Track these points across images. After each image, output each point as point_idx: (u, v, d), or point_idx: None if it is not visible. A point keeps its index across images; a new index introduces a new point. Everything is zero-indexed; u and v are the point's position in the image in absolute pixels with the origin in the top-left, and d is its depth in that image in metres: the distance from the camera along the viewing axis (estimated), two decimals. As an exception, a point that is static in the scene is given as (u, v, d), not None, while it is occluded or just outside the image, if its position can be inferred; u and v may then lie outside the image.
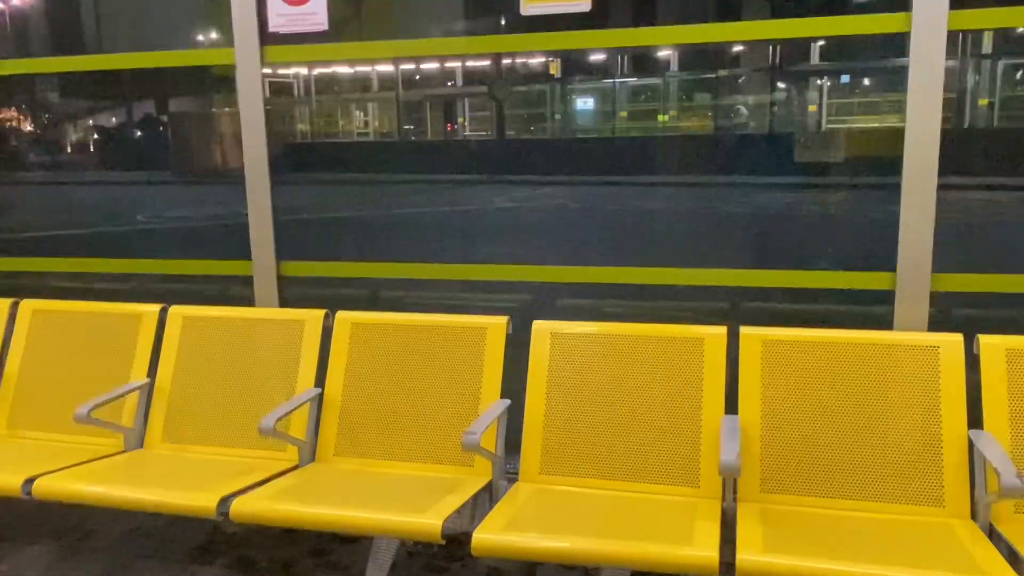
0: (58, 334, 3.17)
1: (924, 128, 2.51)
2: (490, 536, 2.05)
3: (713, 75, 26.63)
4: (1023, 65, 21.30)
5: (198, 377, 2.96)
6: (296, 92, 31.15)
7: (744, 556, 1.92)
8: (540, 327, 2.67)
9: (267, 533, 2.92)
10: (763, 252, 9.38)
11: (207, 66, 3.31)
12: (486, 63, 26.32)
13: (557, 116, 29.34)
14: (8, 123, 26.42)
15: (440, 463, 2.66)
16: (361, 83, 32.61)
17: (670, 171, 19.36)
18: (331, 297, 3.08)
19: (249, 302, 3.17)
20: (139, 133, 29.49)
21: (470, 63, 27.50)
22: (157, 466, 2.70)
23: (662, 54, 24.95)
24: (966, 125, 20.30)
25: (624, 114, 28.61)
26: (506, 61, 25.63)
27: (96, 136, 30.14)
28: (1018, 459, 2.22)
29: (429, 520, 2.13)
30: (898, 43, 2.52)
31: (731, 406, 2.48)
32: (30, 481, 2.47)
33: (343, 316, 2.87)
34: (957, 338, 2.37)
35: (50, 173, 24.13)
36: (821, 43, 21.88)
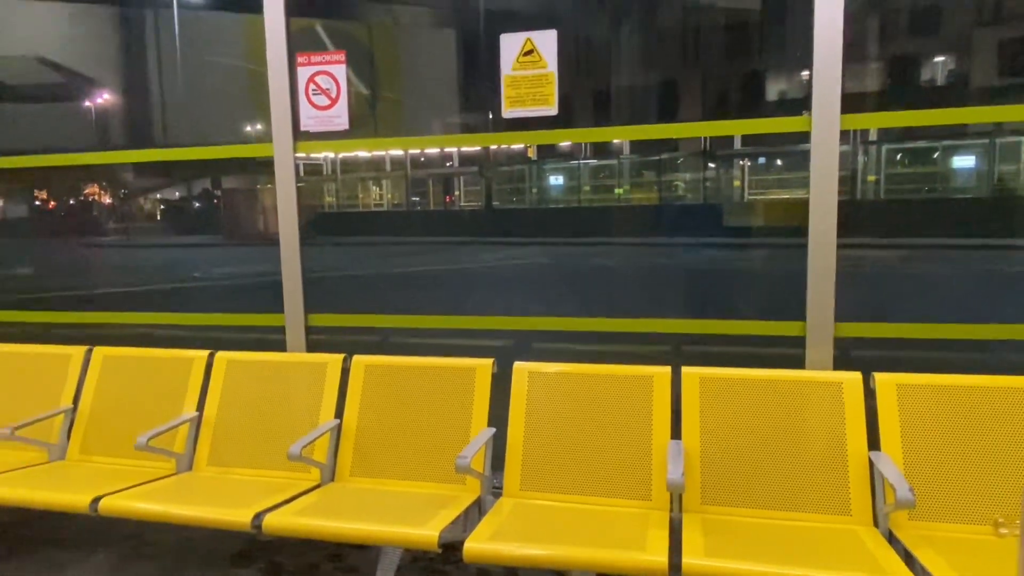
0: (123, 375, 3.12)
1: (824, 200, 2.53)
2: (479, 545, 2.01)
3: (657, 157, 27.12)
4: (900, 150, 21.84)
5: (238, 410, 2.91)
6: (324, 171, 31.46)
7: (689, 560, 1.89)
8: (519, 367, 2.66)
9: (294, 541, 2.85)
10: (699, 300, 9.43)
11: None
12: (477, 149, 26.86)
13: (534, 190, 29.74)
14: (91, 196, 26.46)
15: (438, 481, 2.62)
16: (376, 164, 32.98)
17: (624, 234, 19.57)
18: (350, 342, 3.06)
19: (282, 346, 3.15)
20: (197, 205, 29.67)
21: (465, 149, 28.08)
22: (203, 486, 2.64)
23: (616, 141, 25.47)
24: (858, 197, 20.71)
25: (587, 188, 29.02)
26: (493, 147, 26.13)
27: (162, 207, 30.24)
28: (910, 475, 2.21)
29: (428, 532, 2.10)
30: (803, 133, 2.56)
31: (675, 432, 2.47)
32: (96, 500, 2.42)
33: (359, 359, 2.85)
34: (856, 376, 2.38)
35: (124, 238, 24.18)
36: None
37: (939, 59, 22.05)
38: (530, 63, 2.76)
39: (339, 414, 2.80)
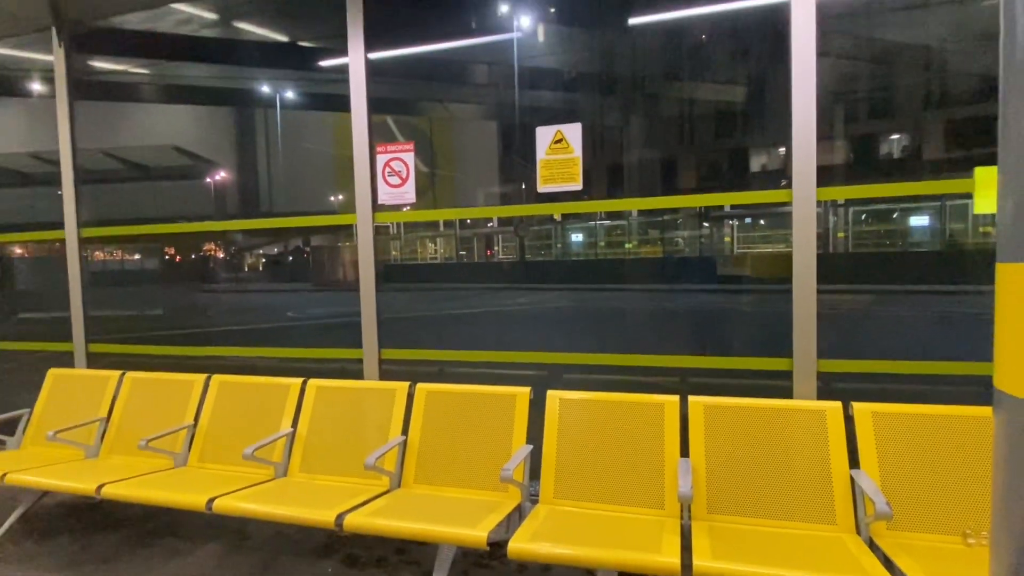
0: (234, 398, 3.18)
1: (805, 255, 2.50)
2: (520, 545, 1.97)
3: (660, 218, 27.10)
4: (864, 211, 21.46)
5: (324, 427, 2.93)
6: (391, 231, 32.06)
7: (699, 562, 1.83)
8: (552, 395, 2.64)
9: (366, 536, 2.82)
10: (699, 338, 9.26)
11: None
12: (513, 211, 27.17)
13: (559, 245, 29.87)
14: (209, 252, 27.39)
15: (485, 489, 2.59)
16: (432, 225, 33.60)
17: (634, 282, 19.45)
18: (414, 372, 3.07)
19: (359, 375, 3.18)
20: (291, 258, 30.41)
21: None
22: (295, 490, 2.64)
23: (627, 205, 25.55)
24: (831, 250, 20.33)
25: (603, 244, 29.04)
26: (525, 211, 26.41)
27: (264, 260, 31.13)
28: (886, 491, 2.12)
29: (478, 532, 2.07)
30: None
31: (684, 451, 2.40)
32: (212, 500, 2.44)
33: (421, 387, 2.86)
34: (837, 405, 2.31)
35: (234, 285, 24.85)
36: (732, 198, 22.26)
37: (895, 137, 21.76)
38: (560, 149, 2.81)
39: (405, 431, 2.80)
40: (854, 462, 2.22)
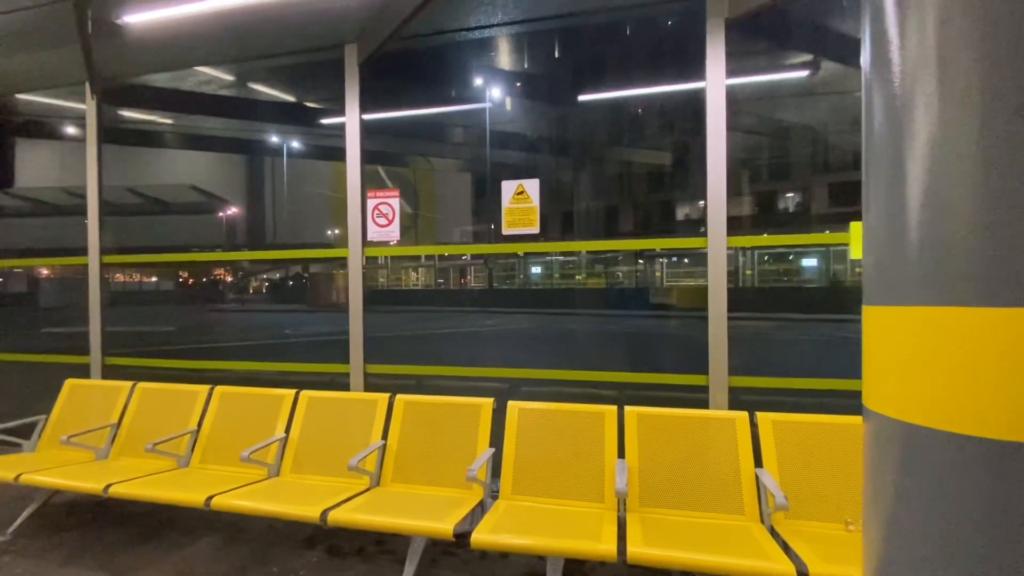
0: (234, 406, 3.04)
1: (718, 289, 2.57)
2: (481, 536, 1.92)
3: (604, 255, 27.57)
4: (766, 254, 22.29)
5: (314, 433, 2.83)
6: (378, 261, 31.69)
7: (632, 548, 1.81)
8: (512, 405, 2.61)
9: (348, 529, 2.71)
10: (633, 354, 9.35)
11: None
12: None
13: (521, 275, 29.99)
14: (218, 275, 26.53)
15: (453, 487, 2.52)
16: (414, 257, 33.38)
17: (583, 307, 19.61)
18: (395, 384, 3.00)
19: (347, 387, 3.09)
20: (291, 283, 29.67)
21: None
22: (286, 489, 2.53)
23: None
24: (740, 285, 20.97)
25: (557, 275, 29.29)
26: (494, 248, 26.48)
27: (267, 284, 30.28)
28: (783, 485, 2.15)
29: (445, 525, 2.01)
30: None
31: (621, 453, 2.40)
32: (210, 498, 2.31)
33: (400, 397, 2.79)
34: (745, 414, 2.35)
35: (240, 305, 24.01)
36: (661, 241, 22.83)
37: (790, 195, 22.82)
38: (521, 200, 2.84)
39: (385, 436, 2.72)
40: (758, 462, 2.26)
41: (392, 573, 2.35)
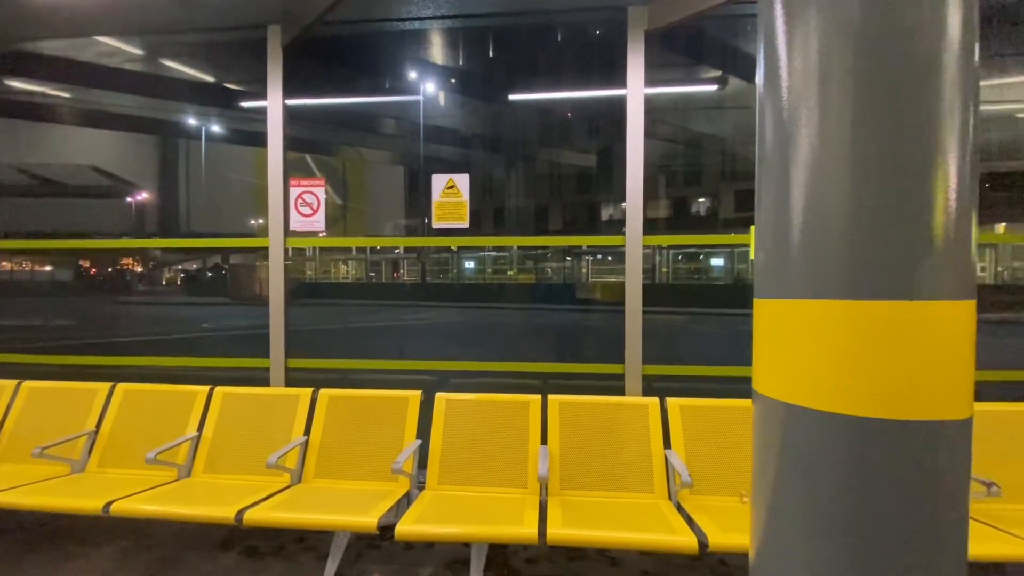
0: (139, 405, 2.77)
1: (634, 284, 2.67)
2: (406, 527, 1.89)
3: (535, 251, 27.99)
4: (680, 253, 23.66)
5: (230, 431, 2.63)
6: (307, 253, 30.23)
7: (551, 530, 1.85)
8: (440, 396, 2.58)
9: (267, 528, 2.56)
10: (559, 345, 9.58)
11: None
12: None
13: (455, 270, 29.73)
14: (125, 265, 24.05)
15: (379, 480, 2.44)
16: (345, 250, 32.15)
17: (513, 301, 19.80)
18: (318, 379, 2.86)
19: (267, 383, 2.90)
20: (210, 274, 27.55)
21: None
22: (198, 490, 2.34)
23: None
24: (656, 281, 22.10)
25: (489, 270, 29.33)
26: (427, 242, 26.07)
27: (183, 275, 27.90)
28: (689, 464, 2.29)
29: (369, 519, 1.95)
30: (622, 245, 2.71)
31: (544, 439, 2.44)
32: (109, 504, 2.09)
33: (324, 392, 2.67)
34: (656, 400, 2.47)
35: (151, 297, 21.91)
36: (588, 239, 23.52)
37: (701, 200, 24.32)
38: (451, 194, 2.80)
39: (308, 432, 2.59)
40: (668, 444, 2.39)
41: (314, 570, 2.25)
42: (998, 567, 2.13)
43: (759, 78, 1.06)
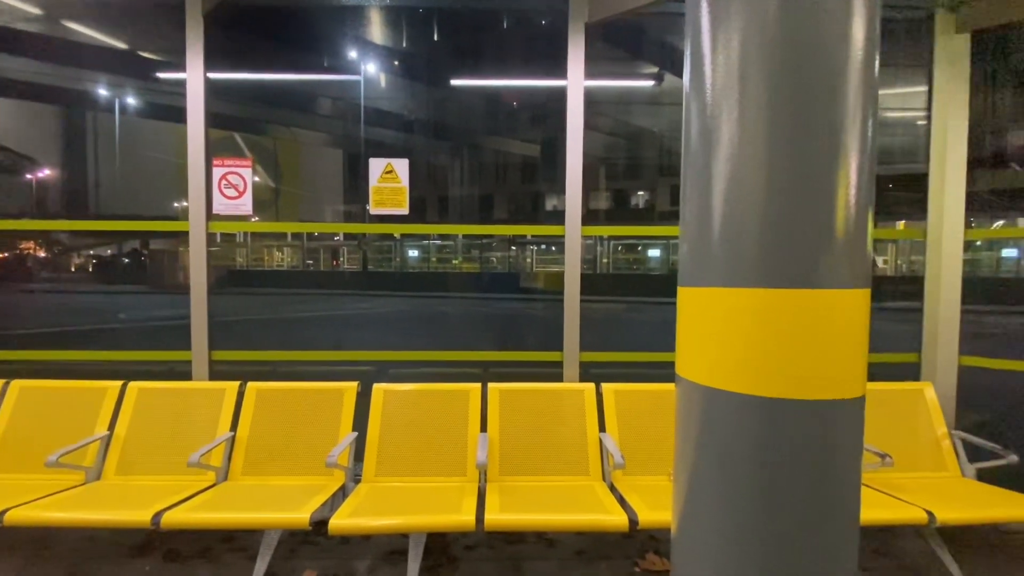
0: (39, 404, 2.51)
1: (572, 274, 2.71)
2: (339, 521, 1.84)
3: (480, 240, 27.92)
4: (620, 244, 24.43)
5: (146, 429, 2.45)
6: (237, 238, 28.59)
7: (489, 516, 1.87)
8: (377, 387, 2.52)
9: (190, 531, 2.42)
10: (502, 334, 9.64)
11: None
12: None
13: (398, 259, 29.11)
14: (26, 250, 21.62)
15: (313, 475, 2.36)
16: (280, 235, 30.62)
17: (458, 290, 19.71)
18: (247, 372, 2.71)
19: (188, 376, 2.71)
20: (127, 260, 25.34)
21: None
22: (109, 493, 2.16)
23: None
24: (597, 271, 22.70)
25: (434, 259, 28.96)
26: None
27: (95, 261, 25.46)
28: (622, 446, 2.38)
29: (301, 515, 1.88)
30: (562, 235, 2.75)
31: (484, 427, 2.46)
32: (2, 513, 1.88)
33: (252, 385, 2.53)
34: (592, 385, 2.54)
35: (57, 285, 19.84)
36: (532, 229, 23.75)
37: (640, 193, 25.16)
38: (390, 179, 2.72)
39: (235, 428, 2.45)
40: (603, 428, 2.47)
41: (243, 571, 2.15)
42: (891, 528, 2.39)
43: (685, 75, 1.10)
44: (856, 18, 0.94)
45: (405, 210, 2.74)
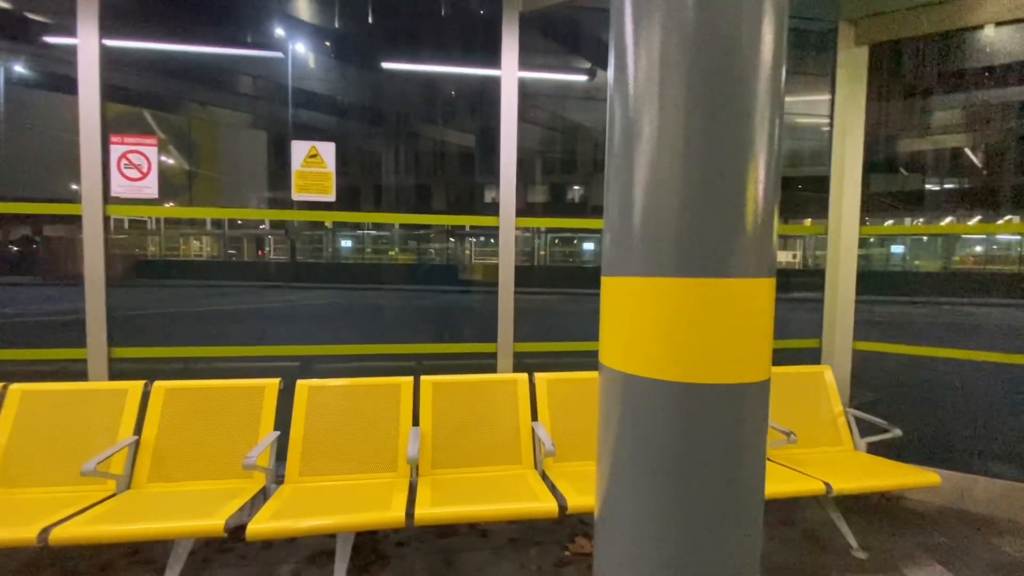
0: None
1: (507, 265, 2.72)
2: (258, 525, 1.73)
3: (418, 231, 27.40)
4: (557, 237, 24.87)
5: (32, 437, 2.18)
6: (148, 225, 26.29)
7: (419, 511, 1.84)
8: (301, 384, 2.40)
9: (89, 545, 2.19)
10: (440, 327, 9.54)
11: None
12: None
13: (330, 249, 27.99)
14: None
15: (230, 478, 2.21)
16: (199, 223, 28.41)
17: (394, 282, 19.25)
18: (161, 370, 2.49)
19: (85, 376, 2.45)
20: (15, 248, 22.53)
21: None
22: (-17, 511, 1.90)
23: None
24: (534, 264, 23.01)
25: (369, 250, 28.12)
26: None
27: (-29, 249, 22.47)
28: (554, 434, 2.43)
29: (215, 521, 1.75)
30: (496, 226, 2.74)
31: (416, 421, 2.41)
32: None
33: (159, 384, 2.32)
34: (525, 375, 2.56)
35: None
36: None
37: (576, 187, 25.71)
38: (314, 163, 2.58)
39: (139, 431, 2.25)
40: (535, 416, 2.50)
41: (148, 585, 1.99)
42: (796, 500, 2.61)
43: (610, 71, 1.12)
44: (766, 24, 0.99)
45: (331, 196, 2.62)
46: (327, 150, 2.59)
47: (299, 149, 2.57)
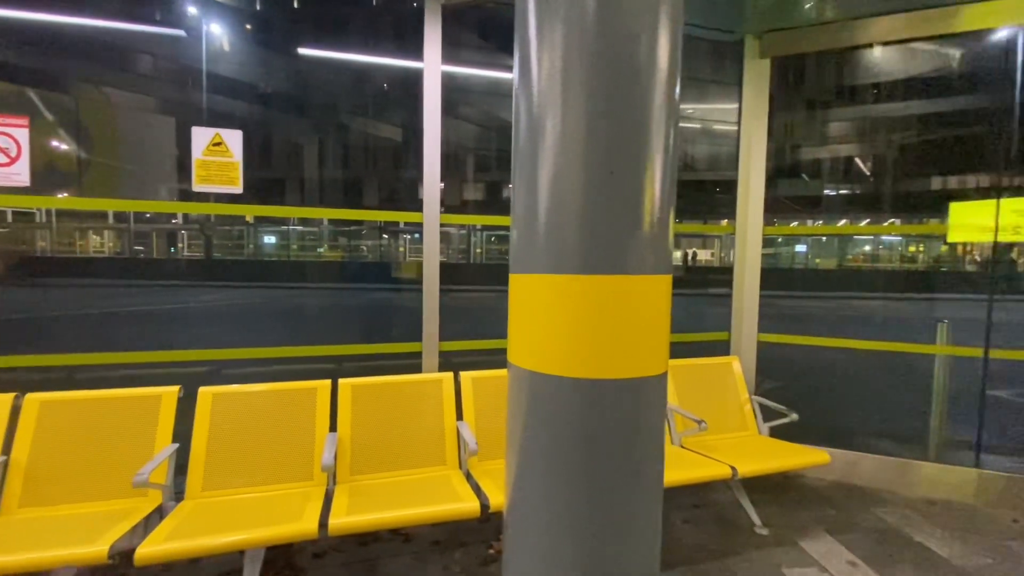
0: None
1: (431, 263, 2.66)
2: (148, 548, 1.58)
3: (348, 227, 26.42)
4: (493, 235, 24.96)
5: None
6: (38, 218, 23.52)
7: (333, 520, 1.77)
8: (204, 391, 2.22)
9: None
10: (368, 327, 9.25)
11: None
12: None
13: (251, 245, 26.34)
14: None
15: (120, 498, 2.00)
16: (99, 215, 25.67)
17: (322, 281, 18.44)
18: (38, 381, 2.20)
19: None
20: None
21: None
22: None
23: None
24: (471, 261, 22.95)
25: (295, 247, 26.78)
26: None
27: None
28: (478, 433, 2.42)
29: (98, 547, 1.58)
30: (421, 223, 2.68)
31: (334, 426, 2.31)
32: None
33: (32, 397, 2.05)
34: (451, 375, 2.53)
35: None
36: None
37: (510, 185, 25.89)
38: (218, 152, 2.39)
39: (8, 451, 1.98)
40: (460, 416, 2.48)
41: (18, 625, 1.75)
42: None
43: (515, 71, 1.11)
44: (663, 32, 1.02)
45: (238, 188, 2.44)
46: (233, 138, 2.41)
47: (201, 136, 2.37)
